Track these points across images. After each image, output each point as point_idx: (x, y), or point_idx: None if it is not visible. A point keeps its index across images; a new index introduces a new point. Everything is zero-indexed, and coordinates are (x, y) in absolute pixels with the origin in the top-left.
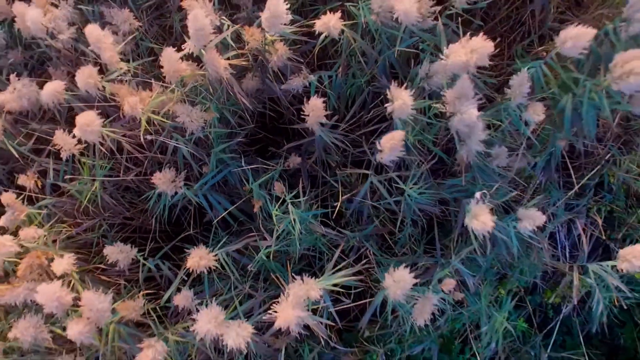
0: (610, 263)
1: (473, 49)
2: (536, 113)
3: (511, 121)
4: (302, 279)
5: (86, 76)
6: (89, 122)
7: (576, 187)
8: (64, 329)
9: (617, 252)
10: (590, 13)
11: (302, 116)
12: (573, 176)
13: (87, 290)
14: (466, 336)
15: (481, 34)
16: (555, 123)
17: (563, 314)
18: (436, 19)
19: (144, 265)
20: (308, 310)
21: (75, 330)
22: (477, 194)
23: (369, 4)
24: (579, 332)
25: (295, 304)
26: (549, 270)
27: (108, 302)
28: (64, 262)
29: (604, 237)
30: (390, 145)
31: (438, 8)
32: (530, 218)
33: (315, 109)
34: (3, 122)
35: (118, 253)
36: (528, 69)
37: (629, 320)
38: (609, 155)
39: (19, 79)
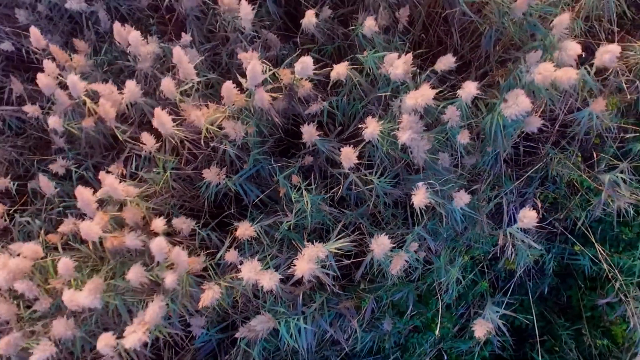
0: (516, 225)
1: (422, 95)
2: (464, 138)
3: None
4: (313, 244)
5: (167, 86)
6: (165, 119)
7: (522, 179)
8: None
9: (559, 229)
10: (522, 51)
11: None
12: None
13: (176, 246)
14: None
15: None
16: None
17: (516, 277)
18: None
19: (199, 234)
20: (318, 265)
21: (170, 278)
22: (419, 184)
23: (372, 55)
24: (531, 293)
25: (309, 260)
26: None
27: (186, 256)
28: (159, 223)
29: (550, 218)
30: (345, 157)
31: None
32: (460, 198)
33: (308, 133)
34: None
35: (182, 223)
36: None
37: (575, 286)
38: (549, 155)
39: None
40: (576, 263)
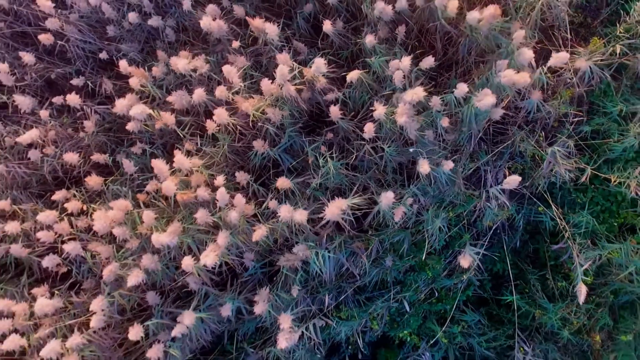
0: (497, 187)
1: (416, 93)
2: (445, 122)
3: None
4: (334, 199)
5: (221, 92)
6: (221, 114)
7: (495, 152)
8: (215, 218)
9: (527, 194)
10: (493, 56)
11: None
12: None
13: (237, 194)
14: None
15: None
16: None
17: (491, 231)
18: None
19: (251, 187)
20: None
21: (233, 215)
22: (411, 149)
23: (379, 60)
24: (506, 246)
25: (336, 208)
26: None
27: (244, 200)
28: (221, 179)
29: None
30: (368, 130)
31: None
32: (446, 165)
33: (334, 112)
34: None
35: (241, 176)
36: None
37: (541, 240)
38: (515, 135)
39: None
40: (541, 221)
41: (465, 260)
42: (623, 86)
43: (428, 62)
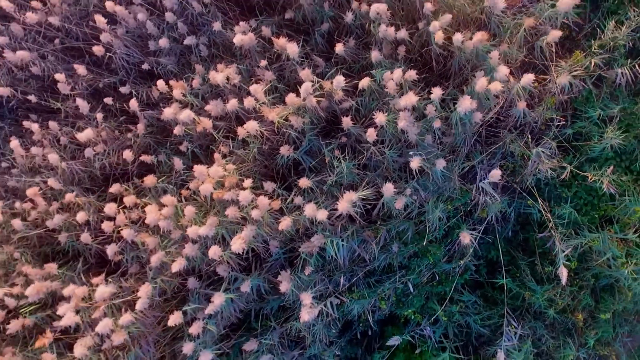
0: (486, 181)
1: (409, 99)
2: (437, 124)
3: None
4: (349, 192)
5: (249, 102)
6: (251, 126)
7: (488, 152)
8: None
9: (517, 189)
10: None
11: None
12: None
13: (261, 196)
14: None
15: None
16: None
17: (486, 222)
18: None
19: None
20: (351, 206)
21: (255, 212)
22: (410, 153)
23: (380, 72)
24: (499, 235)
25: (347, 202)
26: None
27: (267, 200)
28: (248, 182)
29: (510, 181)
30: (370, 134)
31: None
32: (440, 163)
33: (346, 122)
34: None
35: (269, 185)
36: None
37: (531, 230)
38: (506, 137)
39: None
40: (530, 213)
41: (465, 236)
42: (603, 93)
43: (410, 74)
